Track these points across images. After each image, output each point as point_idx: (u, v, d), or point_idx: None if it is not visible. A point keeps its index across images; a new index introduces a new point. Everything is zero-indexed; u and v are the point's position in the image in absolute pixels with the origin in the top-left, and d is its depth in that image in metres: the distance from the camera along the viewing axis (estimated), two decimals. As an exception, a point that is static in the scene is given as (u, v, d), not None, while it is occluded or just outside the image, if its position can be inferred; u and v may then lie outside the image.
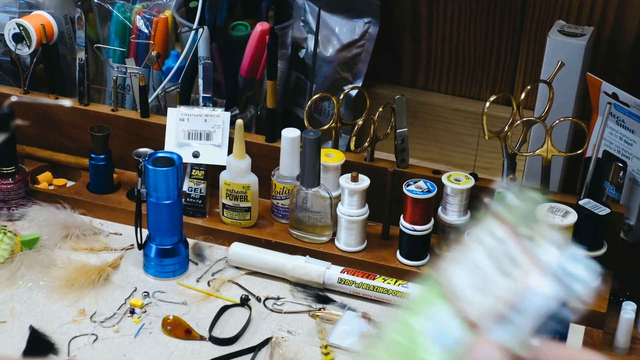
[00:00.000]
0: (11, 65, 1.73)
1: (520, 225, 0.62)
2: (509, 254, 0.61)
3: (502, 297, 0.61)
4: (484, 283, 0.62)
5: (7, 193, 1.54)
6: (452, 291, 0.63)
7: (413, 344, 0.63)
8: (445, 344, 0.62)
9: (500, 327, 0.61)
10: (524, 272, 0.61)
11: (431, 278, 0.65)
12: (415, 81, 1.84)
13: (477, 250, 0.63)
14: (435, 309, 0.63)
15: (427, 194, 1.42)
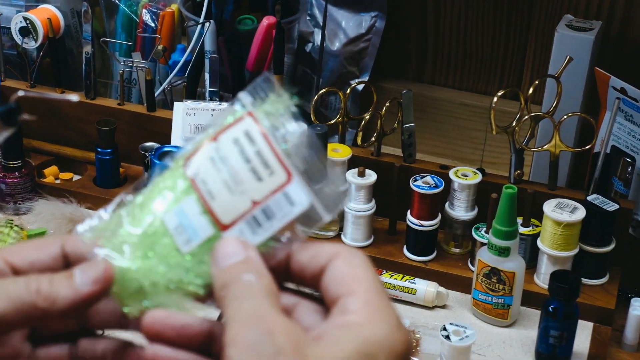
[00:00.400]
0: (18, 59, 1.72)
1: (271, 125, 0.62)
2: (262, 156, 0.61)
3: (252, 199, 0.61)
4: (235, 184, 0.62)
5: (13, 187, 1.53)
6: (202, 186, 0.62)
7: (155, 234, 0.62)
8: (187, 238, 0.62)
9: (247, 228, 0.61)
10: (275, 177, 0.61)
11: (180, 167, 0.64)
12: (422, 75, 1.83)
13: (232, 150, 0.62)
14: (183, 201, 0.62)
15: (434, 189, 1.41)
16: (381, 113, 1.49)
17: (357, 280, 0.58)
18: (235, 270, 0.59)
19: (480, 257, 1.33)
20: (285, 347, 0.53)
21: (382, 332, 0.54)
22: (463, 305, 1.39)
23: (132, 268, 0.62)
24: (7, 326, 0.59)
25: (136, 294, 0.61)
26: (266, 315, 0.55)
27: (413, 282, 1.39)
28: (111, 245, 0.62)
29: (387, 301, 0.57)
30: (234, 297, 0.57)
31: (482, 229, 1.41)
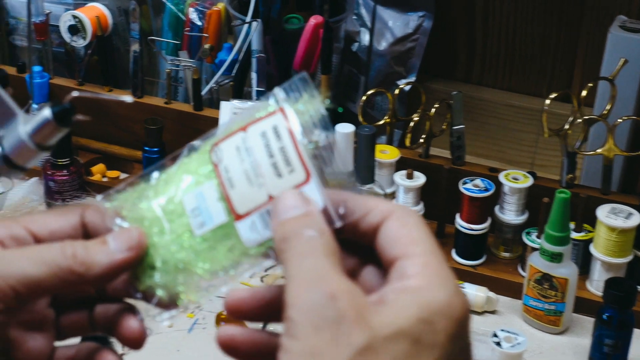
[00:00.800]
0: (65, 57, 1.73)
1: (300, 124, 0.61)
2: (285, 153, 0.61)
3: (268, 194, 0.61)
4: (256, 176, 0.61)
5: (61, 184, 1.54)
6: (224, 173, 0.62)
7: (173, 212, 0.62)
8: (202, 222, 0.62)
9: (260, 221, 0.61)
10: (294, 175, 0.60)
11: (206, 151, 0.63)
12: (470, 76, 1.81)
13: (259, 142, 0.62)
14: (204, 184, 0.62)
15: (485, 192, 1.39)
16: (430, 114, 1.47)
17: (413, 242, 0.56)
18: (296, 224, 0.57)
19: (531, 262, 1.31)
20: (346, 312, 0.52)
21: (441, 298, 0.53)
22: (513, 311, 1.37)
23: (149, 243, 0.62)
24: (42, 291, 0.60)
25: (148, 268, 0.62)
26: (328, 277, 0.54)
27: (462, 286, 1.37)
28: (131, 217, 0.63)
29: (444, 264, 0.56)
30: (295, 253, 0.56)
31: (533, 234, 1.38)
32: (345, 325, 0.52)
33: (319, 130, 0.62)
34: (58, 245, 0.60)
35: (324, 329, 0.52)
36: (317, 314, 0.52)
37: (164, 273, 0.62)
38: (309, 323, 0.52)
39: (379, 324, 0.52)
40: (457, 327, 0.54)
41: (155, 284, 0.62)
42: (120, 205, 0.64)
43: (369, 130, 1.42)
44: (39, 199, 1.57)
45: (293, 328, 0.53)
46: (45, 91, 1.62)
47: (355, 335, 0.52)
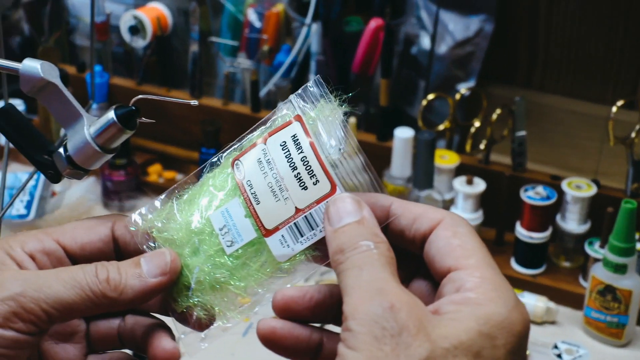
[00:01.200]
0: (124, 57, 1.73)
1: (319, 132, 0.61)
2: (308, 164, 0.61)
3: (295, 207, 0.61)
4: (280, 190, 0.61)
5: (118, 185, 1.54)
6: (248, 188, 0.62)
7: (202, 232, 0.62)
8: (231, 240, 0.62)
9: (290, 235, 0.61)
10: (320, 186, 0.61)
11: (228, 166, 0.63)
12: (531, 81, 1.77)
13: (279, 154, 0.61)
14: (229, 202, 0.62)
15: (547, 200, 1.36)
16: (492, 120, 1.44)
17: (466, 253, 0.56)
18: (352, 233, 0.57)
19: (594, 273, 1.27)
20: (407, 323, 0.52)
21: (501, 312, 0.53)
22: (573, 322, 1.34)
23: (182, 264, 0.62)
24: (75, 313, 0.60)
25: (184, 289, 0.62)
26: (387, 288, 0.54)
27: (521, 295, 1.34)
28: (162, 238, 0.63)
29: (501, 276, 0.55)
30: (352, 264, 0.56)
31: (596, 244, 1.35)
32: (406, 336, 0.51)
33: (339, 134, 0.61)
34: (91, 268, 0.60)
35: (385, 340, 0.51)
36: (378, 326, 0.52)
37: (200, 293, 0.62)
38: (370, 334, 0.52)
39: (439, 337, 0.52)
40: (516, 342, 0.53)
41: (193, 304, 0.62)
42: (150, 225, 0.63)
43: (429, 135, 1.40)
44: (96, 198, 1.58)
45: (353, 339, 0.52)
46: (105, 91, 1.63)
47: (416, 347, 0.51)
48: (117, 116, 0.66)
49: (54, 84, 0.66)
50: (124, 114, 0.67)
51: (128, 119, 0.67)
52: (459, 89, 1.66)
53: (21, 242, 0.62)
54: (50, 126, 1.64)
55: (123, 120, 0.67)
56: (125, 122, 0.67)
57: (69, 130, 0.67)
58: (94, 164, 0.69)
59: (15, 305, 0.57)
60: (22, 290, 0.57)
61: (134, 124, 0.68)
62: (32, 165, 0.70)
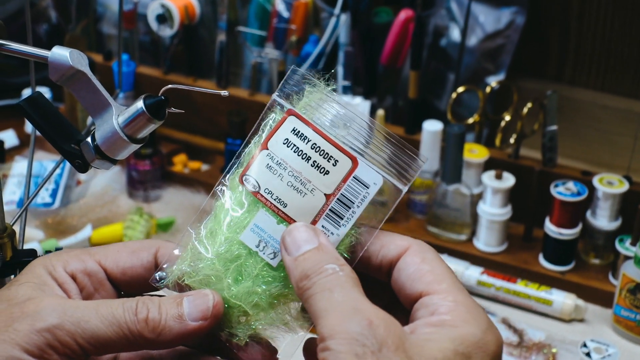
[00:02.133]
0: (151, 46, 1.73)
1: (317, 116, 0.61)
2: (320, 149, 0.60)
3: (324, 194, 0.60)
4: (302, 184, 0.60)
5: (144, 174, 1.54)
6: (268, 196, 0.60)
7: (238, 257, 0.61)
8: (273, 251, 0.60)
9: (329, 223, 0.60)
10: (340, 165, 0.60)
11: (236, 186, 0.61)
12: (562, 75, 1.75)
13: (287, 152, 0.60)
14: (254, 217, 0.61)
15: (577, 196, 1.34)
16: (522, 114, 1.43)
17: (437, 278, 0.57)
18: (313, 259, 0.57)
19: (624, 271, 1.26)
20: (386, 339, 0.53)
21: (476, 333, 0.55)
22: (602, 321, 1.32)
23: (228, 296, 0.60)
24: (111, 350, 0.59)
25: (240, 320, 0.60)
26: (361, 306, 0.54)
27: (549, 292, 1.32)
28: (197, 282, 0.60)
29: (472, 300, 0.57)
30: (320, 288, 0.56)
31: (627, 241, 1.33)
32: (385, 352, 0.52)
33: (337, 111, 0.61)
34: (132, 305, 0.58)
35: (366, 357, 0.52)
36: (358, 343, 0.52)
37: (260, 316, 0.60)
38: (351, 353, 0.52)
39: (416, 354, 0.53)
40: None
41: (256, 330, 0.60)
42: (178, 274, 0.61)
43: (459, 129, 1.39)
44: (121, 188, 1.58)
45: (333, 358, 0.52)
46: (131, 80, 1.63)
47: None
48: (146, 106, 0.66)
49: (83, 72, 0.65)
50: (153, 104, 0.66)
51: (157, 109, 0.67)
52: (488, 82, 1.64)
53: (64, 261, 0.61)
54: (76, 114, 1.64)
55: (152, 110, 0.66)
56: (154, 112, 0.66)
57: (97, 120, 0.67)
58: (122, 153, 0.69)
59: (51, 337, 0.57)
60: (60, 322, 0.57)
61: (163, 114, 0.68)
62: (58, 153, 0.70)
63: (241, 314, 0.60)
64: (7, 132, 1.70)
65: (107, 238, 1.44)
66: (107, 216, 1.49)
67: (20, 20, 1.74)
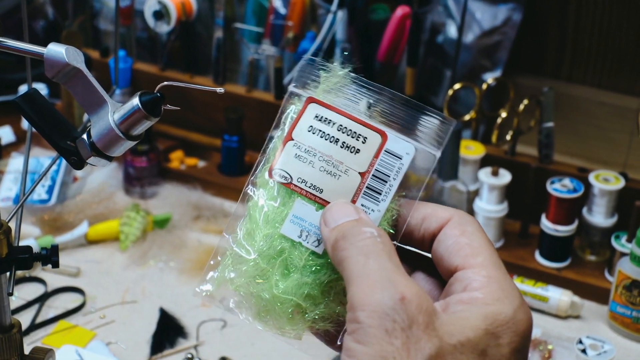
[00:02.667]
0: (147, 43, 1.73)
1: (337, 98, 0.61)
2: (346, 129, 0.61)
3: (358, 173, 0.60)
4: (335, 166, 0.61)
5: (140, 171, 1.54)
6: (302, 185, 0.61)
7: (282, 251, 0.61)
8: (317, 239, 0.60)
9: (368, 201, 0.60)
10: (370, 142, 0.61)
11: (266, 182, 0.61)
12: (559, 72, 1.76)
13: (313, 139, 0.61)
14: (291, 208, 0.61)
15: (573, 193, 1.35)
16: (519, 111, 1.43)
17: (474, 251, 0.56)
18: (352, 224, 0.57)
19: (620, 267, 1.26)
20: (417, 316, 0.52)
21: (507, 311, 0.54)
22: (598, 317, 1.33)
23: (277, 293, 0.59)
24: None
25: (293, 315, 0.60)
26: (396, 279, 0.53)
27: (545, 289, 1.33)
28: (243, 286, 0.60)
29: (507, 276, 0.56)
30: (356, 251, 0.55)
31: (623, 238, 1.34)
32: (415, 330, 0.51)
33: (357, 90, 0.61)
34: None
35: (395, 334, 0.51)
36: (389, 319, 0.51)
37: (314, 307, 0.60)
38: (381, 328, 0.51)
39: (447, 333, 0.52)
40: (521, 342, 0.54)
41: (313, 321, 0.59)
42: (221, 282, 0.61)
43: (455, 126, 1.39)
44: (118, 184, 1.58)
45: (362, 332, 0.52)
46: (128, 76, 1.63)
47: (425, 342, 0.51)
48: (142, 103, 0.66)
49: (78, 69, 0.66)
50: (148, 101, 0.67)
51: (153, 105, 0.67)
52: (485, 79, 1.64)
53: None
54: (73, 111, 1.64)
55: (148, 107, 0.66)
56: (150, 109, 0.67)
57: (93, 117, 0.67)
58: (118, 150, 0.69)
59: None
60: None
61: (158, 111, 0.68)
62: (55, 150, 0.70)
63: (294, 308, 0.59)
64: (4, 129, 1.71)
65: (103, 235, 1.44)
66: (104, 213, 1.49)
67: (17, 16, 1.75)
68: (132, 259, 1.41)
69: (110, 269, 1.39)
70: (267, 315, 0.60)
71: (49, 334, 1.26)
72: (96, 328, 1.27)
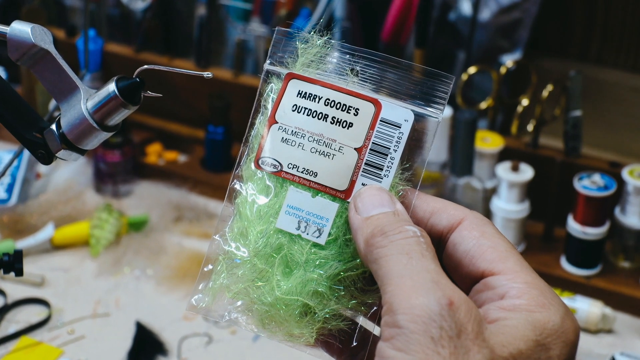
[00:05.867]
0: (121, 21, 1.73)
1: (318, 71, 0.62)
2: (335, 102, 0.61)
3: (354, 149, 0.61)
4: (327, 145, 0.61)
5: (113, 166, 1.54)
6: (293, 171, 0.61)
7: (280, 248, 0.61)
8: (317, 228, 0.61)
9: (369, 178, 0.61)
10: (363, 113, 0.61)
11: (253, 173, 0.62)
12: (587, 53, 1.76)
13: (300, 118, 0.62)
14: (285, 198, 0.61)
15: (604, 191, 1.35)
16: (542, 98, 1.44)
17: (501, 255, 0.57)
18: (389, 219, 0.57)
19: (658, 275, 1.27)
20: (466, 325, 0.52)
21: (555, 320, 0.54)
22: (634, 331, 1.33)
23: (280, 295, 0.60)
24: None
25: (302, 316, 0.60)
26: (443, 282, 0.53)
27: (573, 299, 1.34)
28: (241, 292, 0.61)
29: (543, 281, 0.56)
30: (398, 249, 0.55)
31: (660, 242, 1.35)
32: (464, 339, 0.52)
33: (339, 58, 0.62)
34: None
35: (442, 342, 0.51)
36: (435, 325, 0.51)
37: (324, 305, 0.60)
38: (426, 334, 0.51)
39: (498, 344, 0.52)
40: (569, 353, 0.55)
41: (324, 321, 0.60)
42: (218, 291, 0.61)
43: (470, 114, 1.40)
44: (87, 182, 1.58)
45: (403, 338, 0.52)
46: (98, 59, 1.63)
47: (475, 353, 0.52)
48: (119, 89, 0.66)
49: (46, 50, 0.66)
50: (126, 87, 0.67)
51: (131, 92, 0.67)
52: (503, 62, 1.65)
53: None
54: (35, 98, 1.64)
55: (125, 93, 0.67)
56: (128, 96, 0.67)
57: (63, 104, 0.68)
58: (91, 142, 0.69)
59: None
60: None
61: (138, 98, 0.68)
62: (18, 143, 0.70)
63: (301, 309, 0.60)
64: (-43, 119, 1.71)
65: (71, 238, 1.44)
66: (72, 214, 1.49)
67: (-29, -9, 1.74)
68: (104, 266, 1.41)
69: (80, 278, 1.40)
70: (272, 321, 0.60)
71: (10, 352, 1.26)
72: (64, 345, 1.27)
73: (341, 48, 0.62)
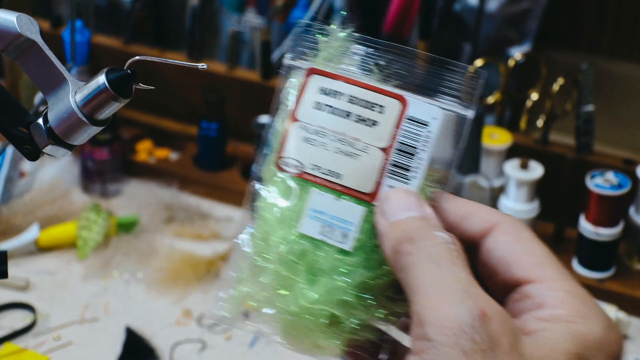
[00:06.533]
0: (109, 11, 1.73)
1: (342, 65, 0.62)
2: (359, 99, 0.61)
3: (380, 149, 0.61)
4: (351, 145, 0.61)
5: (101, 164, 1.54)
6: (316, 172, 0.61)
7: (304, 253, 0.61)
8: (342, 233, 0.60)
9: (396, 180, 0.60)
10: (388, 110, 0.61)
11: (275, 173, 0.62)
12: (599, 45, 1.77)
13: (321, 116, 0.61)
14: (307, 200, 0.61)
15: (618, 189, 1.35)
16: (552, 92, 1.44)
17: (538, 262, 0.56)
18: (418, 224, 0.57)
19: (674, 278, 1.27)
20: (500, 338, 0.51)
21: (598, 331, 0.53)
22: (648, 337, 1.34)
23: (306, 304, 0.59)
24: None
25: (329, 326, 0.60)
26: (474, 291, 0.53)
27: (585, 304, 1.34)
28: (265, 301, 0.60)
29: (584, 290, 0.55)
30: (427, 257, 0.55)
31: (677, 243, 1.35)
32: (499, 353, 0.51)
33: (363, 52, 0.62)
34: None
35: (475, 356, 0.51)
36: (467, 337, 0.51)
37: (351, 315, 0.60)
38: (457, 347, 0.51)
39: (535, 358, 0.52)
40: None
41: (352, 331, 0.60)
42: (240, 300, 0.61)
43: (477, 110, 1.39)
44: (74, 180, 1.58)
45: (433, 351, 0.51)
46: (85, 51, 1.63)
47: None
48: (110, 81, 0.66)
49: (33, 41, 0.66)
50: (117, 79, 0.67)
51: (122, 84, 0.67)
52: (512, 54, 1.65)
53: None
54: (18, 91, 1.64)
55: (116, 86, 0.67)
56: (119, 89, 0.67)
57: (51, 98, 0.68)
58: (80, 138, 0.69)
59: None
60: None
61: (129, 91, 0.68)
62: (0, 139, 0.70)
63: (327, 319, 0.59)
64: (-63, 114, 1.71)
65: (57, 240, 1.44)
66: (58, 214, 1.49)
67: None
68: (92, 269, 1.41)
69: (66, 282, 1.40)
70: (297, 332, 0.60)
71: (-6, 359, 1.26)
72: (50, 352, 1.27)
73: (364, 41, 0.62)
